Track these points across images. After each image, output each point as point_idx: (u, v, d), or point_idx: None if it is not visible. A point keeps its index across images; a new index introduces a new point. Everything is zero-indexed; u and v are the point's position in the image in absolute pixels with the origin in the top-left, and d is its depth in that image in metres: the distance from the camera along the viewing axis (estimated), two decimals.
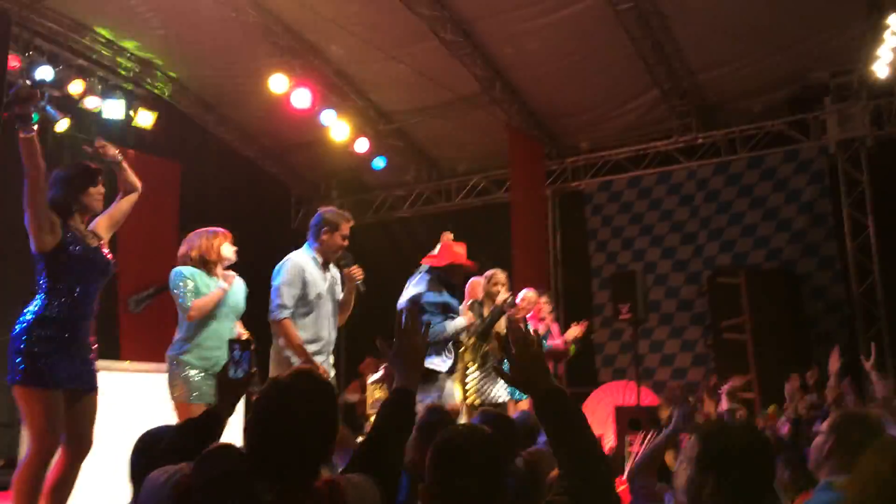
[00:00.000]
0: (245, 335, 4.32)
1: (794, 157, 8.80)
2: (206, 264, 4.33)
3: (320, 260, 4.45)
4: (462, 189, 10.76)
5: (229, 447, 1.79)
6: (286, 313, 4.29)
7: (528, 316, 6.42)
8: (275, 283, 4.37)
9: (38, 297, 3.54)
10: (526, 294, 6.36)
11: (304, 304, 4.35)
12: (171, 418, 4.04)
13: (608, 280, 8.93)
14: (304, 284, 4.35)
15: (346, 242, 4.42)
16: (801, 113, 8.72)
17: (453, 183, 10.84)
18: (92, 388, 3.63)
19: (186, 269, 4.30)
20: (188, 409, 4.03)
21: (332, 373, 4.57)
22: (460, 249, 5.16)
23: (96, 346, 3.72)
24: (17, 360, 3.40)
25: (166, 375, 4.22)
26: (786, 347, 7.35)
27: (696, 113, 9.15)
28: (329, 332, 4.45)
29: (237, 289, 4.44)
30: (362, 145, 9.44)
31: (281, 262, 4.44)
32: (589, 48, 8.29)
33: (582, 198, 10.10)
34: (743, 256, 8.80)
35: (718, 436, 2.04)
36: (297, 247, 4.64)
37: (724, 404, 6.24)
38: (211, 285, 4.29)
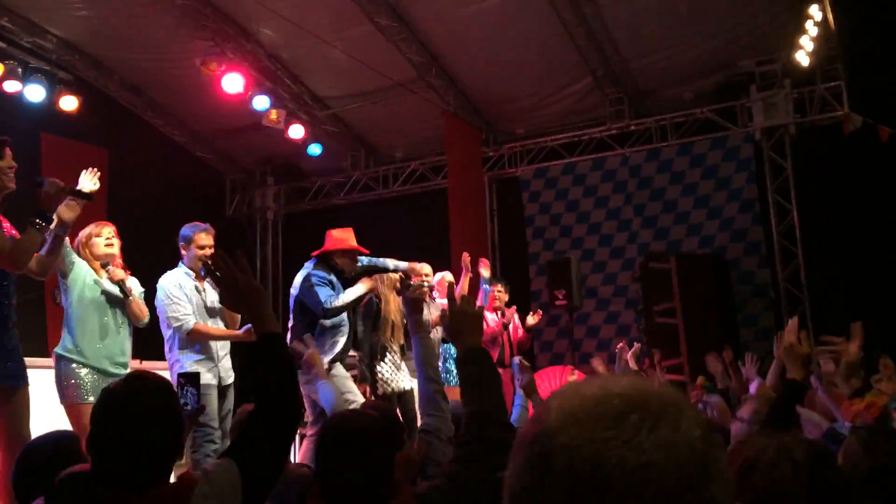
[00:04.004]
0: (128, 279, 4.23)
1: (722, 143, 9.03)
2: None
3: (192, 274, 4.62)
4: (400, 176, 10.72)
5: (82, 470, 1.74)
6: (192, 319, 4.43)
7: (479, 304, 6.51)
8: (161, 307, 4.49)
9: None
10: (443, 276, 6.39)
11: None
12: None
13: (544, 266, 9.03)
14: (188, 300, 4.50)
15: (205, 251, 4.54)
16: (729, 101, 8.96)
17: (391, 169, 10.79)
18: (21, 384, 3.48)
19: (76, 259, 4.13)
20: (80, 409, 3.88)
21: (232, 375, 4.60)
22: (341, 234, 5.17)
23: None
24: None
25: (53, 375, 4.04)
26: (714, 331, 7.56)
27: (629, 100, 9.31)
28: (216, 342, 4.59)
29: (130, 285, 4.34)
30: (297, 131, 9.29)
31: (158, 289, 4.55)
32: (524, 34, 8.33)
33: (519, 184, 10.17)
34: (677, 244, 8.98)
35: None
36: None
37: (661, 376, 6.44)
38: (101, 282, 4.13)
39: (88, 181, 3.82)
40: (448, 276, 6.41)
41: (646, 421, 0.73)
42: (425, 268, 5.75)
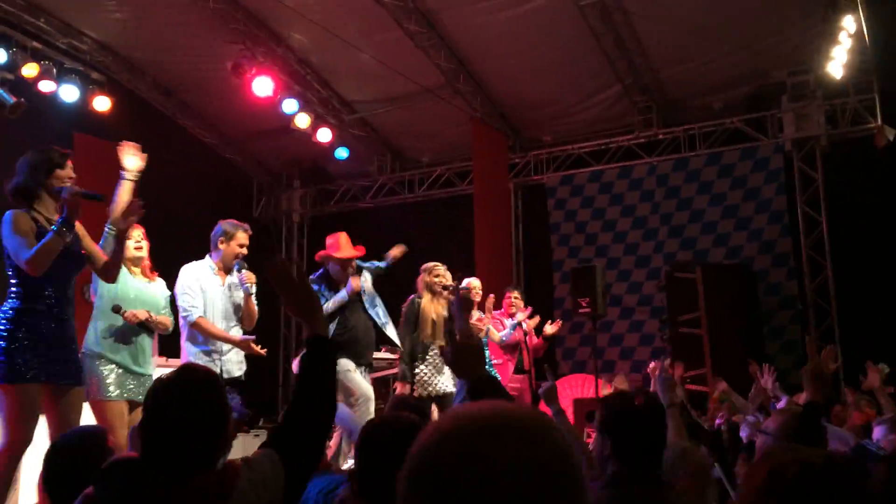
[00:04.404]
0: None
1: (751, 154, 8.95)
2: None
3: (216, 268, 4.66)
4: (425, 180, 10.75)
5: (129, 457, 1.83)
6: (198, 312, 4.48)
7: (489, 310, 6.47)
8: (176, 295, 4.56)
9: (11, 293, 3.48)
10: (470, 282, 6.38)
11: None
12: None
13: (568, 274, 8.99)
14: (202, 291, 4.54)
15: (242, 250, 4.67)
16: (759, 111, 8.88)
17: (417, 174, 10.82)
18: (77, 383, 3.58)
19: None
20: (103, 405, 3.97)
21: (244, 368, 4.64)
22: (331, 241, 5.19)
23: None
24: None
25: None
26: (739, 342, 7.48)
27: (658, 109, 9.27)
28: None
29: (156, 288, 4.41)
30: (325, 135, 9.36)
31: (178, 278, 4.64)
32: (553, 42, 8.32)
33: (544, 191, 10.16)
34: (703, 254, 8.91)
35: (615, 402, 2.34)
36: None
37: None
38: (128, 283, 4.18)
39: (132, 158, 4.10)
40: (475, 281, 6.37)
41: (507, 438, 0.81)
42: (440, 266, 5.74)
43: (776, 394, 4.66)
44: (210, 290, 4.56)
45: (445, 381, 5.44)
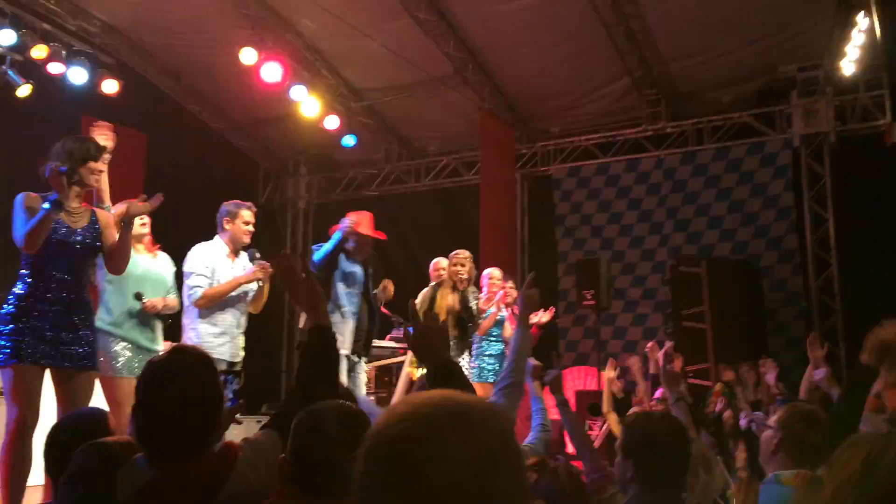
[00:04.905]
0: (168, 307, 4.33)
1: (759, 149, 8.91)
2: None
3: (227, 249, 4.64)
4: (432, 170, 10.74)
5: (102, 441, 1.85)
6: (200, 291, 4.47)
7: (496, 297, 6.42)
8: (185, 271, 4.56)
9: (21, 278, 3.53)
10: (491, 272, 6.34)
11: None
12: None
13: (573, 266, 8.99)
14: (211, 272, 4.52)
15: (249, 227, 4.68)
16: (768, 106, 8.84)
17: (423, 163, 10.81)
18: (85, 367, 3.61)
19: None
20: (113, 382, 4.00)
21: (242, 355, 4.63)
22: (357, 218, 5.13)
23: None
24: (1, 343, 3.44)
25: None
26: (743, 337, 7.48)
27: (666, 102, 9.23)
28: (235, 318, 4.60)
29: (161, 264, 4.42)
30: (333, 122, 9.35)
31: (189, 253, 4.62)
32: (563, 33, 8.29)
33: (551, 183, 10.14)
34: (709, 249, 8.89)
35: (638, 425, 2.29)
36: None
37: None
38: (135, 260, 4.22)
39: (103, 139, 4.10)
40: (496, 272, 6.31)
41: (451, 423, 0.91)
42: (461, 253, 5.72)
43: (770, 382, 4.63)
44: (222, 271, 4.56)
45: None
